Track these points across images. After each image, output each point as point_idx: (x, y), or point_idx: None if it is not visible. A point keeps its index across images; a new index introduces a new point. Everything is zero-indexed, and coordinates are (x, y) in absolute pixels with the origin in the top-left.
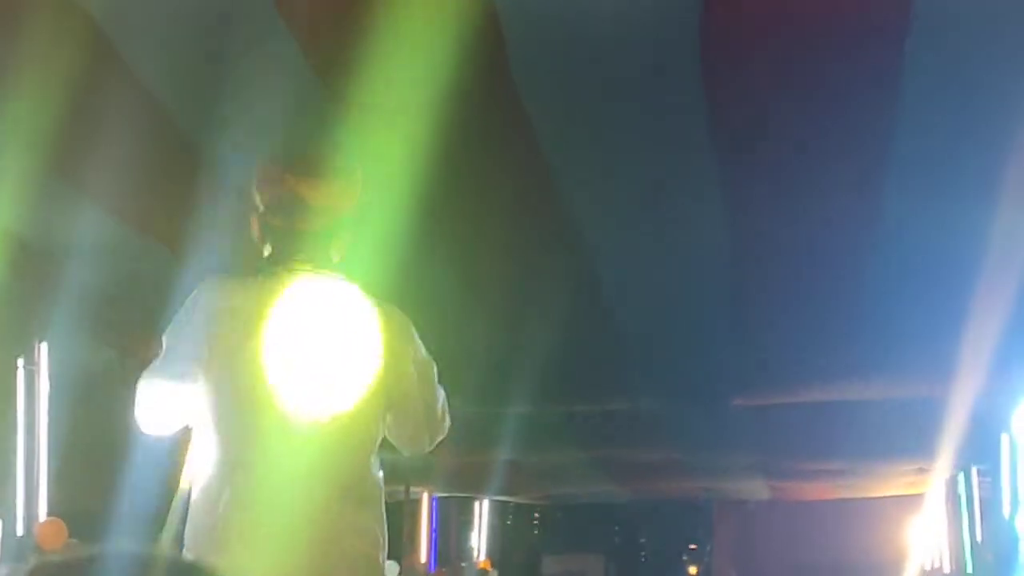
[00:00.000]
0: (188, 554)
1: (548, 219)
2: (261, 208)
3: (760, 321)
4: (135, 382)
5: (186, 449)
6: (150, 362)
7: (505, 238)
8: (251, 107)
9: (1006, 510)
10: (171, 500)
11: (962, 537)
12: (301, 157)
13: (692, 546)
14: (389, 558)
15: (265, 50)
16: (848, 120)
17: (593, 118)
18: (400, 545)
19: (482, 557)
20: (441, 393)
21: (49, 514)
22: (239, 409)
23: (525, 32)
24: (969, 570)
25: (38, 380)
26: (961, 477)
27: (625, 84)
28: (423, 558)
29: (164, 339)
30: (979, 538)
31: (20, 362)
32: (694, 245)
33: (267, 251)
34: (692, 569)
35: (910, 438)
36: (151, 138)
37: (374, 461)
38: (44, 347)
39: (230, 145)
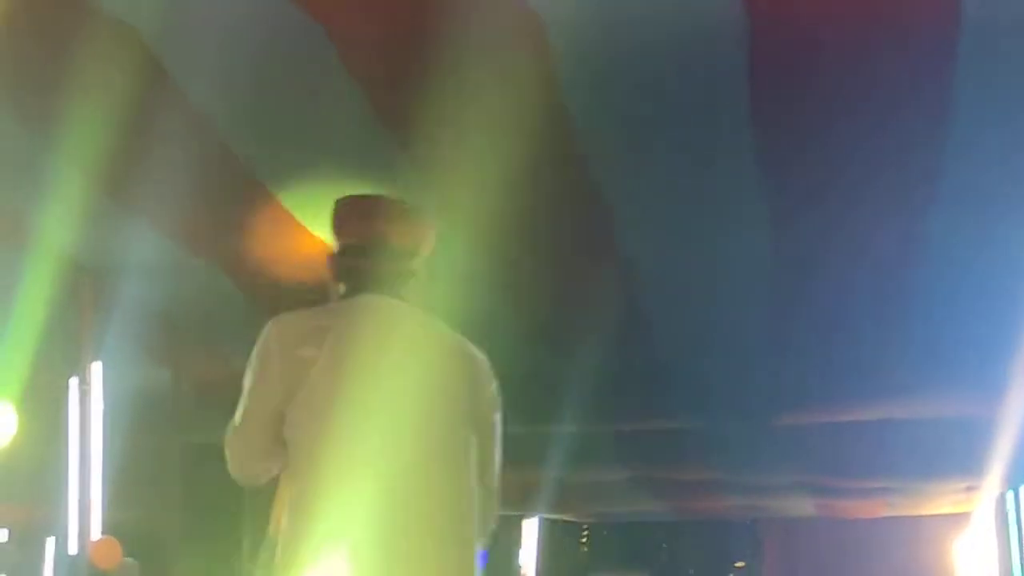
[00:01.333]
0: None
1: (592, 239)
2: (339, 248)
3: (805, 339)
4: (188, 401)
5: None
6: (204, 381)
7: (548, 257)
8: (301, 132)
9: None
10: (221, 517)
11: (1010, 556)
12: (382, 200)
13: (738, 564)
14: None
15: (317, 77)
16: (895, 135)
17: (639, 135)
18: None
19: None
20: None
21: (103, 533)
22: (326, 445)
23: (575, 51)
24: None
25: (91, 399)
26: (1010, 496)
27: (671, 101)
28: None
29: (244, 383)
30: None
31: (74, 381)
32: (738, 262)
33: (341, 289)
34: None
35: (958, 456)
36: (204, 160)
37: (467, 499)
38: (98, 366)
39: (283, 168)
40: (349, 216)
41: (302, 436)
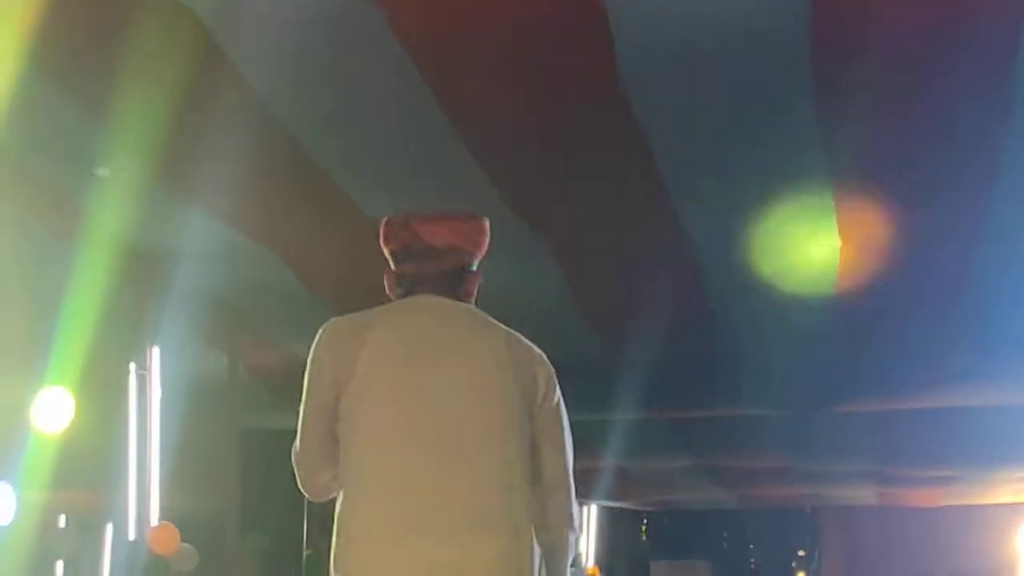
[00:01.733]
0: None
1: (656, 227)
2: (390, 260)
3: (869, 328)
4: (246, 386)
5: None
6: (261, 367)
7: (612, 246)
8: (359, 117)
9: None
10: (282, 503)
11: None
12: (423, 208)
13: (801, 552)
14: None
15: (377, 63)
16: (958, 129)
17: (703, 125)
18: None
19: (590, 563)
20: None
21: (161, 518)
22: (374, 446)
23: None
24: None
25: (150, 384)
26: None
27: (736, 91)
28: None
29: (304, 388)
30: None
31: (132, 366)
32: (803, 250)
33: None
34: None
35: (1022, 444)
36: (262, 146)
37: (516, 488)
38: (156, 351)
39: (341, 153)
40: (390, 226)
41: (350, 425)
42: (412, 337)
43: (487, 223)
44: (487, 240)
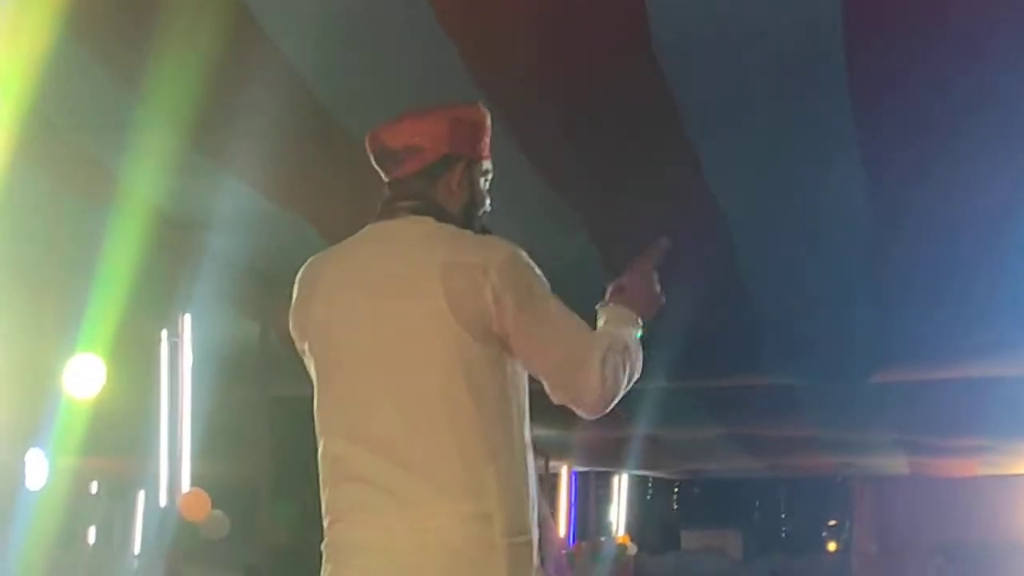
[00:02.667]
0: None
1: (687, 199)
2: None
3: (901, 297)
4: (277, 354)
5: None
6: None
7: (643, 214)
8: (392, 87)
9: None
10: (313, 470)
11: None
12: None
13: (832, 522)
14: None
15: (412, 34)
16: (993, 99)
17: (736, 99)
18: None
19: (621, 532)
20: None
21: (192, 485)
22: (321, 383)
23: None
24: None
25: (181, 351)
26: None
27: (769, 65)
28: (562, 532)
29: None
30: None
31: (164, 334)
32: (834, 219)
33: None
34: (832, 545)
35: None
36: (293, 114)
37: (471, 432)
38: (187, 319)
39: (373, 122)
40: (371, 134)
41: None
42: (349, 290)
43: (468, 110)
44: (468, 129)
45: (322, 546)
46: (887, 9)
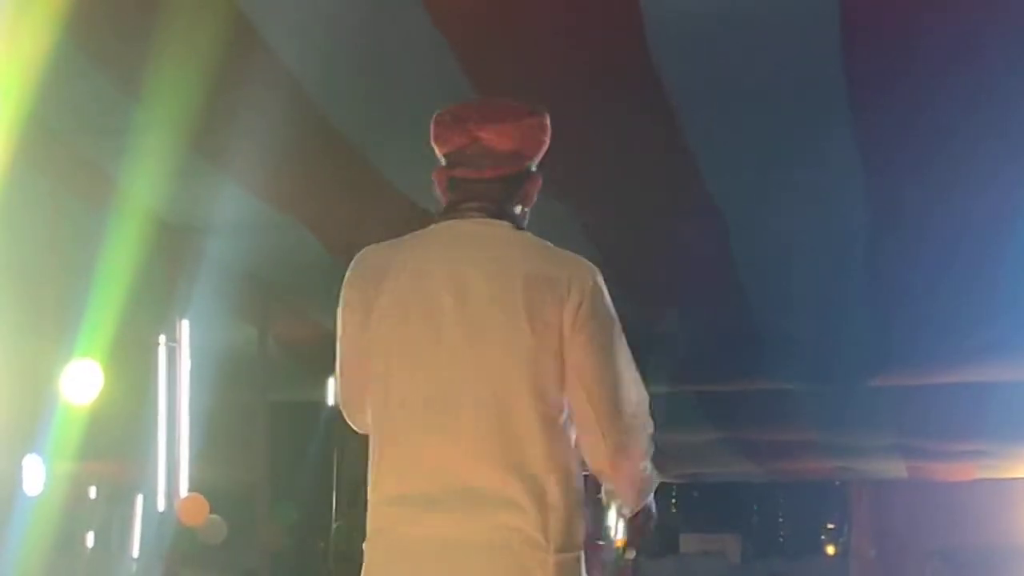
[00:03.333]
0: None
1: (685, 201)
2: (443, 161)
3: (898, 300)
4: (275, 359)
5: (330, 423)
6: (290, 339)
7: (642, 221)
8: (390, 92)
9: None
10: (311, 475)
11: None
12: (483, 103)
13: (830, 525)
14: None
15: (408, 39)
16: (991, 100)
17: (732, 97)
18: None
19: (619, 536)
20: (630, 385)
21: (190, 490)
22: (384, 373)
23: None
24: None
25: (179, 357)
26: None
27: (764, 63)
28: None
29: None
30: None
31: (161, 339)
32: (832, 223)
33: (445, 202)
34: (830, 549)
35: None
36: (292, 119)
37: (537, 443)
38: (185, 324)
39: (371, 128)
40: (440, 126)
41: (372, 376)
42: (423, 290)
43: (548, 119)
44: (549, 137)
45: (368, 532)
46: (886, 9)
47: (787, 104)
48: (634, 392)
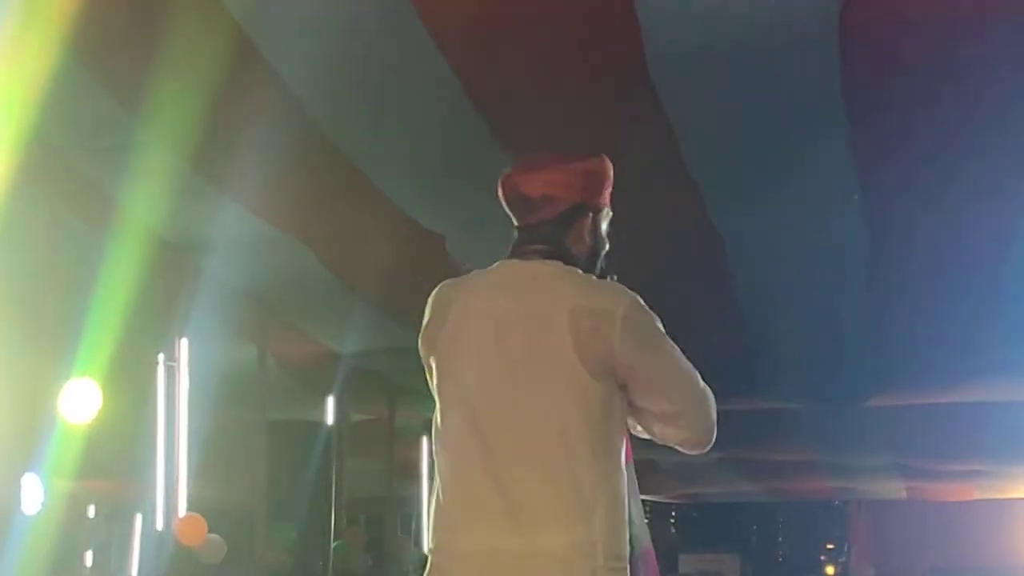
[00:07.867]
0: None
1: (684, 222)
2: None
3: (897, 321)
4: (274, 378)
5: (329, 442)
6: (290, 358)
7: (640, 241)
8: (391, 111)
9: None
10: (311, 494)
11: None
12: (526, 157)
13: (829, 546)
14: None
15: (409, 59)
16: (990, 126)
17: (732, 121)
18: None
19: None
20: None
21: (189, 509)
22: (446, 400)
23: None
24: None
25: (178, 375)
26: None
27: (764, 86)
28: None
29: None
30: None
31: (160, 357)
32: (831, 243)
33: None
34: (829, 569)
35: None
36: (292, 138)
37: (586, 461)
38: (184, 343)
39: (371, 147)
40: (502, 178)
41: (439, 402)
42: (480, 321)
43: (597, 162)
44: (597, 181)
45: (428, 551)
46: (884, 27)
47: (788, 130)
48: (694, 379)
